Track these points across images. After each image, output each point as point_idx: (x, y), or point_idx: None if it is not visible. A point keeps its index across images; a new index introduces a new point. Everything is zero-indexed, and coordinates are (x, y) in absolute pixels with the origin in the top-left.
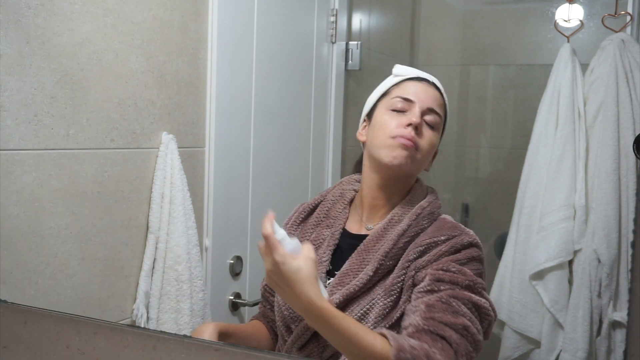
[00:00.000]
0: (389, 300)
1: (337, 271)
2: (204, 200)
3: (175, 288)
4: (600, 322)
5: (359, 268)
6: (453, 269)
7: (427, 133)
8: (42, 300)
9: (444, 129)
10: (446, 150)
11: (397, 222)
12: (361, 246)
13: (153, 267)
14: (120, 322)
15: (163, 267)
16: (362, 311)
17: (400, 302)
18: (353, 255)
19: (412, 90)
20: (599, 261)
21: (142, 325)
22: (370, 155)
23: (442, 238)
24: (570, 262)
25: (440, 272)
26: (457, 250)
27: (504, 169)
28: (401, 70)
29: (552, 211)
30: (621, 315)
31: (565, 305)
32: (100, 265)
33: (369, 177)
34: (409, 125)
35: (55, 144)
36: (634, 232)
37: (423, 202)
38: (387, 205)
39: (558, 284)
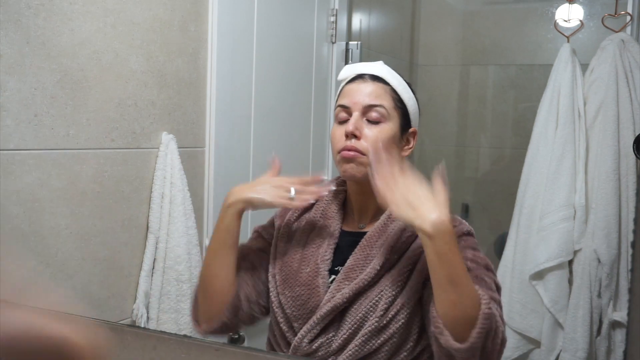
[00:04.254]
0: (396, 289)
1: (336, 267)
2: (204, 200)
3: (175, 288)
4: (600, 322)
5: (364, 263)
6: (470, 254)
7: (371, 131)
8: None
9: (406, 111)
10: (446, 150)
11: (396, 218)
12: (363, 242)
13: (153, 267)
14: (120, 322)
15: (163, 267)
16: (371, 303)
17: (406, 290)
18: (356, 250)
19: (348, 95)
20: (599, 261)
21: (142, 325)
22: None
23: None
24: (570, 262)
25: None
26: (460, 236)
27: (504, 169)
28: (343, 74)
29: (552, 211)
30: (621, 315)
31: (565, 305)
32: (100, 265)
33: (348, 184)
34: (346, 136)
35: (55, 144)
36: (634, 232)
37: None
38: (374, 206)
39: (558, 284)
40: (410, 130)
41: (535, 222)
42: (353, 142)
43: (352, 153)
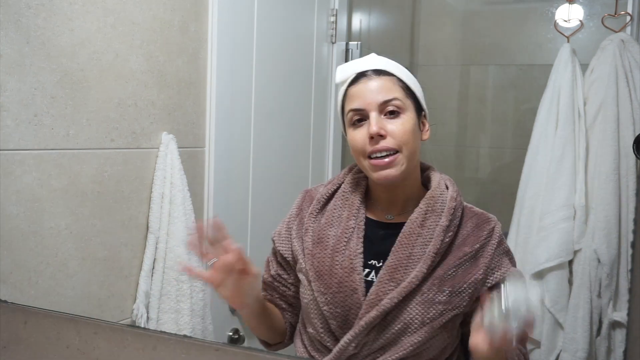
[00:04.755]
0: (443, 294)
1: (370, 261)
2: (204, 200)
3: (175, 288)
4: (600, 322)
5: (407, 263)
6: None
7: (394, 124)
8: (42, 300)
9: (415, 96)
10: (446, 150)
11: (432, 214)
12: (402, 239)
13: (153, 267)
14: (120, 322)
15: (163, 267)
16: (416, 305)
17: (451, 293)
18: (396, 249)
19: (357, 97)
20: (599, 261)
21: (142, 325)
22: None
23: (485, 234)
24: (570, 262)
25: None
26: (502, 243)
27: (504, 169)
28: (341, 76)
29: (552, 211)
30: (621, 315)
31: (565, 305)
32: (100, 265)
33: (373, 183)
34: (372, 138)
35: (55, 144)
36: (634, 232)
37: (452, 193)
38: (402, 196)
39: (558, 284)
40: (423, 113)
41: (535, 222)
42: (381, 144)
43: (387, 160)
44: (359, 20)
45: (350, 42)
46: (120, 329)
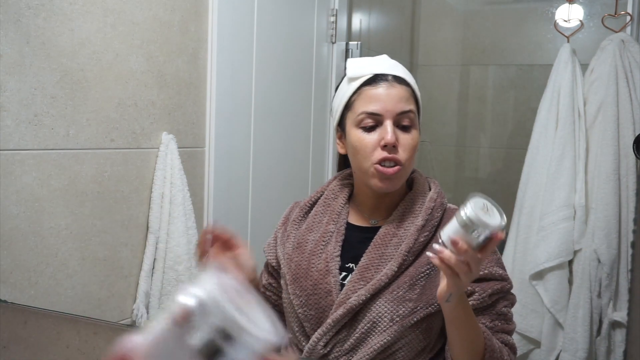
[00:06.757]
0: (412, 291)
1: (347, 264)
2: (204, 200)
3: (175, 288)
4: (600, 322)
5: (379, 263)
6: (497, 274)
7: (406, 137)
8: (42, 300)
9: (419, 112)
10: (446, 150)
11: (410, 215)
12: (377, 240)
13: (153, 267)
14: (120, 322)
15: (163, 267)
16: (386, 304)
17: (424, 291)
18: (370, 249)
19: (376, 100)
20: (599, 261)
21: (142, 326)
22: (358, 176)
23: None
24: (570, 262)
25: (491, 283)
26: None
27: (504, 169)
28: (355, 71)
29: (552, 211)
30: (621, 315)
31: (565, 305)
32: (100, 265)
33: (362, 188)
34: (385, 146)
35: (55, 144)
36: (634, 232)
37: (432, 194)
38: (388, 202)
39: (558, 284)
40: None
41: (535, 222)
42: (392, 154)
43: (393, 170)
44: (359, 20)
45: (350, 42)
46: (120, 329)
